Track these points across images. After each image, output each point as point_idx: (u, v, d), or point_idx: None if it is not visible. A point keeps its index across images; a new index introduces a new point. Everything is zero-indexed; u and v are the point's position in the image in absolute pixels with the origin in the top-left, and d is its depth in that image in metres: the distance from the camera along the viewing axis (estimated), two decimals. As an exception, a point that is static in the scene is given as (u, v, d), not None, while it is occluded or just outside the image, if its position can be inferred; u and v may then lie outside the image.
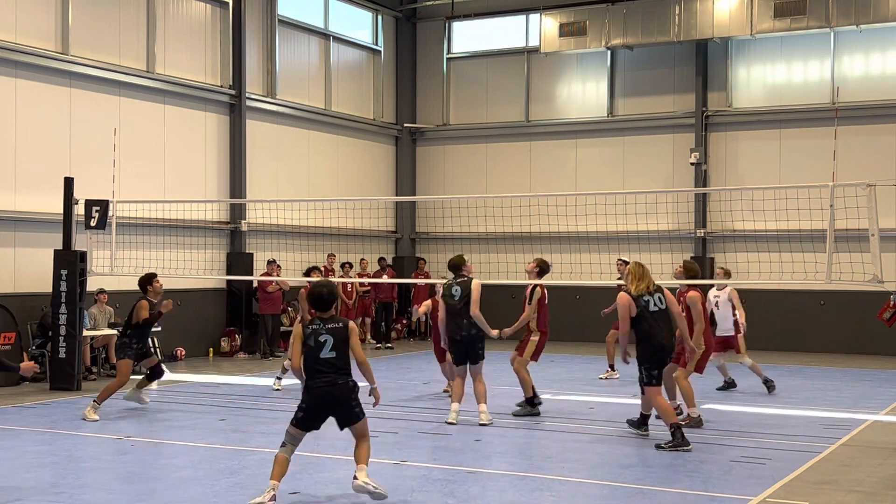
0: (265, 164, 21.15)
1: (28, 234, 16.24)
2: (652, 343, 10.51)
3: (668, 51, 22.67)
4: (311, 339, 7.97)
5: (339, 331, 8.00)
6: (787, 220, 16.18)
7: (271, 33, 21.44)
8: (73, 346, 14.68)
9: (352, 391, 7.98)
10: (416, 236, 25.13)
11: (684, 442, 10.22)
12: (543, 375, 15.19)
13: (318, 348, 7.94)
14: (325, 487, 8.57)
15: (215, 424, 11.79)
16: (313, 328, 8.01)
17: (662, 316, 10.62)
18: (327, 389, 7.91)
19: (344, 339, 7.98)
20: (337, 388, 7.92)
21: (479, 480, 8.83)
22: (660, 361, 10.63)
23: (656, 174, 22.66)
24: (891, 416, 12.67)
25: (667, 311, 10.69)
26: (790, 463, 9.58)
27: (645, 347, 10.59)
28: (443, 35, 25.25)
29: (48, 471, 9.19)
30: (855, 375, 17.12)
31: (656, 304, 10.60)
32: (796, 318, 21.24)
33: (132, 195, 17.04)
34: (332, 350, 7.95)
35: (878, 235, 11.90)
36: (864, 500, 8.28)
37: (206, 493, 8.36)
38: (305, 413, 8.00)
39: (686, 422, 11.36)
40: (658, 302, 10.63)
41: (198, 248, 19.15)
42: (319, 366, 7.93)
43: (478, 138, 24.80)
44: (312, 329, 8.00)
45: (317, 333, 7.97)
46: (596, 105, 23.64)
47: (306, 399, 8.01)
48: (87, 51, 17.39)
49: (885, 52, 21.11)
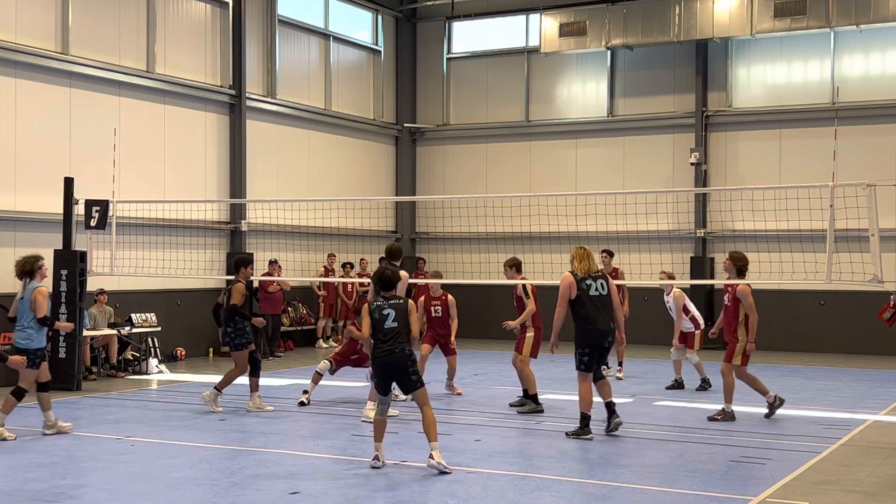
0: (265, 164, 21.16)
1: (28, 234, 16.24)
2: (589, 327, 10.61)
3: (668, 51, 22.68)
4: (376, 313, 9.20)
5: (399, 306, 9.28)
6: (787, 220, 16.18)
7: (271, 33, 21.44)
8: (73, 346, 14.68)
9: (408, 358, 9.18)
10: (416, 236, 25.14)
11: (586, 431, 10.66)
12: (543, 375, 15.18)
13: (382, 321, 9.19)
14: (325, 487, 8.57)
15: (215, 424, 11.80)
16: (377, 304, 9.29)
17: (603, 301, 10.68)
18: (385, 358, 9.18)
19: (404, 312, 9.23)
20: (394, 356, 9.17)
21: (479, 480, 8.84)
22: (595, 346, 10.69)
23: (656, 174, 22.67)
24: (891, 416, 12.67)
25: (608, 296, 10.74)
26: (790, 463, 9.58)
27: (582, 331, 10.65)
28: (443, 35, 25.26)
29: (48, 471, 9.19)
30: (855, 375, 17.12)
31: (598, 289, 10.67)
32: (796, 318, 21.24)
33: (132, 195, 17.05)
34: (394, 321, 9.19)
35: (878, 235, 11.90)
36: (864, 500, 8.28)
37: (206, 493, 8.36)
38: (378, 379, 9.35)
39: (720, 416, 11.82)
40: (600, 287, 10.69)
41: (198, 248, 19.15)
42: (382, 335, 9.20)
43: (478, 138, 24.80)
44: (377, 305, 9.28)
45: (380, 308, 9.24)
46: (596, 105, 23.65)
47: (373, 367, 9.43)
48: (87, 51, 17.40)
49: (885, 52, 21.12)
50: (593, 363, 10.78)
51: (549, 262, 20.51)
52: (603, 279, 10.80)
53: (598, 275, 10.82)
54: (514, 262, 13.15)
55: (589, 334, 10.65)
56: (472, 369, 17.47)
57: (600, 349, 10.76)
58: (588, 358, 10.70)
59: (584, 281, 10.67)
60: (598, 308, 10.66)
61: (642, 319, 22.63)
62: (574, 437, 10.71)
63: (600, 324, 10.65)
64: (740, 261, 12.21)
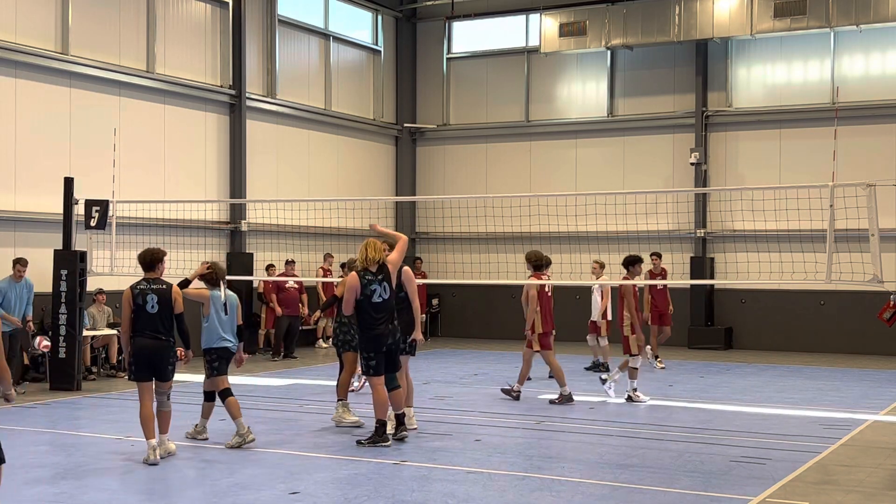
0: (265, 164, 21.16)
1: (28, 234, 16.24)
2: (370, 332, 10.28)
3: (668, 51, 22.68)
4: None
5: None
6: (787, 220, 16.18)
7: (271, 33, 21.44)
8: (73, 346, 14.68)
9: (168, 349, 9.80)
10: (416, 236, 25.13)
11: (384, 438, 10.29)
12: (543, 375, 15.19)
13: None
14: (324, 487, 8.57)
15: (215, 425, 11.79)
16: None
17: (385, 304, 10.32)
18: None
19: None
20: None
21: (479, 480, 8.83)
22: (379, 349, 10.31)
23: (656, 174, 22.66)
24: (891, 416, 12.67)
25: (391, 298, 10.39)
26: (790, 463, 9.58)
27: (364, 335, 10.36)
28: (443, 35, 25.26)
29: (48, 471, 9.19)
30: (855, 375, 17.11)
31: (381, 294, 10.31)
32: (796, 318, 21.24)
33: (132, 195, 17.04)
34: None
35: (878, 235, 11.90)
36: (864, 500, 8.27)
37: (206, 493, 8.36)
38: None
39: None
40: (384, 291, 10.34)
41: (198, 248, 19.14)
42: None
43: (478, 138, 24.80)
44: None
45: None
46: (596, 105, 23.64)
47: None
48: (87, 51, 17.40)
49: (885, 52, 21.11)
50: (382, 366, 10.39)
51: (549, 262, 20.52)
52: (387, 281, 10.37)
53: (382, 277, 10.37)
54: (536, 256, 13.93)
55: (369, 339, 10.32)
56: (472, 369, 17.46)
57: (380, 351, 10.34)
58: (375, 362, 10.32)
59: (368, 286, 10.24)
60: (379, 311, 10.27)
61: (642, 319, 22.66)
62: (370, 444, 10.23)
63: (378, 329, 10.28)
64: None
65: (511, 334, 20.22)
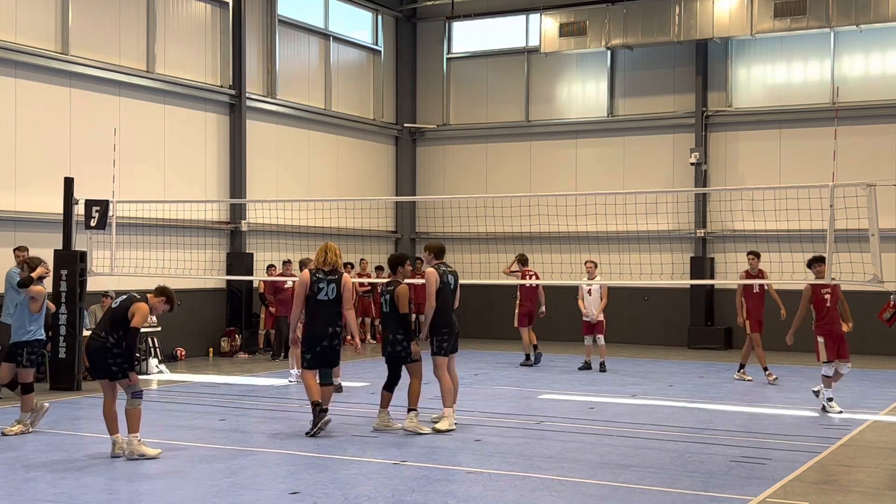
0: (265, 164, 21.16)
1: (28, 234, 16.22)
2: (309, 330, 10.86)
3: (668, 51, 22.68)
4: None
5: None
6: (787, 220, 16.16)
7: (271, 33, 21.44)
8: (73, 346, 14.67)
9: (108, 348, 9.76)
10: (416, 236, 25.13)
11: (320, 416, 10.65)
12: (543, 375, 15.20)
13: None
14: (324, 487, 8.57)
15: (215, 424, 11.80)
16: None
17: (329, 305, 10.79)
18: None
19: None
20: None
21: (479, 480, 8.83)
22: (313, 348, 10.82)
23: (656, 174, 22.67)
24: (891, 416, 12.67)
25: (336, 301, 10.82)
26: (790, 463, 9.58)
27: (305, 331, 10.97)
28: (443, 35, 25.26)
29: (48, 471, 9.18)
30: (855, 375, 17.08)
31: (328, 293, 10.77)
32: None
33: (132, 195, 17.05)
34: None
35: (878, 235, 11.90)
36: (863, 500, 8.27)
37: (206, 493, 8.35)
38: None
39: None
40: (330, 292, 10.78)
41: (198, 248, 19.15)
42: None
43: (478, 138, 24.81)
44: None
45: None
46: (596, 105, 23.65)
47: None
48: (87, 51, 17.40)
49: (885, 52, 21.12)
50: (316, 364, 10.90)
51: (549, 262, 20.54)
52: (335, 284, 10.83)
53: (335, 277, 10.86)
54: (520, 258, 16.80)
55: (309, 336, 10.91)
56: (472, 369, 17.46)
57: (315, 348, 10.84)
58: (310, 356, 10.86)
59: (317, 283, 10.80)
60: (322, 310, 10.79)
61: (642, 319, 22.65)
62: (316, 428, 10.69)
63: (318, 328, 10.82)
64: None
65: (511, 334, 20.20)
